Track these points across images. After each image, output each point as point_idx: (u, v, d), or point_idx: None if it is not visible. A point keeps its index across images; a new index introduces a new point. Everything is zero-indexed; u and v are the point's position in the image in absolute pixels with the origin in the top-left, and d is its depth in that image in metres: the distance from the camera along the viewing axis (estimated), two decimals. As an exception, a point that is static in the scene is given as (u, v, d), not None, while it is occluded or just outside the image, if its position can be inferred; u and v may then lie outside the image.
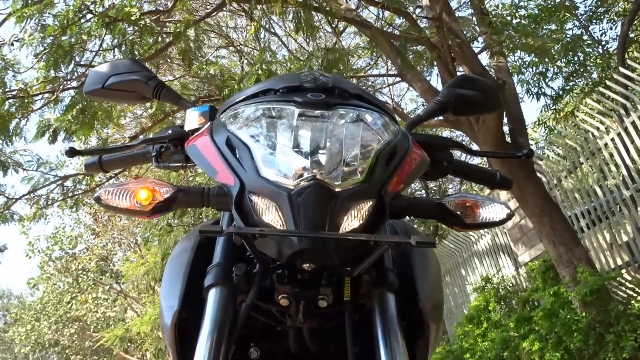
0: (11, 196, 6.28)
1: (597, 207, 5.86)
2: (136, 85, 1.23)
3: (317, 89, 0.89)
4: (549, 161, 6.67)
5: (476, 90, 1.27)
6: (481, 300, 6.32)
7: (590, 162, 5.90)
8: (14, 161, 6.03)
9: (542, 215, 5.09)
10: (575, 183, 6.20)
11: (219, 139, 0.88)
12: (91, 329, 17.30)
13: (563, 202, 6.40)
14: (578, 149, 6.05)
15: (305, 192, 0.78)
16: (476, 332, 6.08)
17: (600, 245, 5.87)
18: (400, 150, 0.90)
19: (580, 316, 4.53)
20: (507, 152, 1.74)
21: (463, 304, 8.45)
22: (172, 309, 0.93)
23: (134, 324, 13.48)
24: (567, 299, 4.75)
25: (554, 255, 5.05)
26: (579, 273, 4.66)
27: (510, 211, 0.94)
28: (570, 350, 4.63)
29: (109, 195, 0.86)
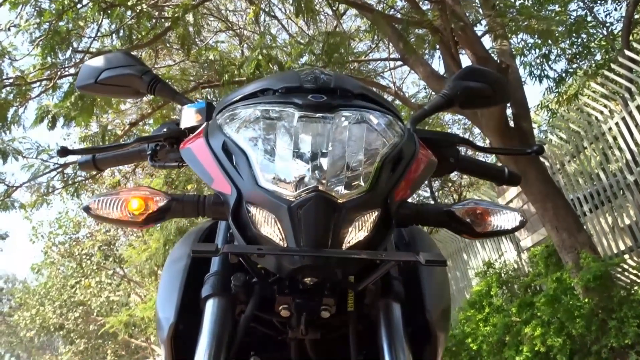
0: (11, 184, 6.25)
1: (600, 191, 5.82)
2: (130, 79, 1.19)
3: (318, 90, 0.83)
4: (552, 145, 6.61)
5: (484, 83, 1.22)
6: (483, 285, 6.32)
7: (594, 146, 5.84)
8: (14, 149, 5.98)
9: (545, 200, 5.05)
10: (578, 167, 6.15)
11: (215, 143, 0.83)
12: (95, 313, 17.42)
13: (566, 186, 6.36)
14: (582, 133, 5.99)
15: (307, 205, 0.74)
16: (478, 316, 6.08)
17: (602, 230, 5.85)
18: (407, 153, 0.85)
19: (582, 302, 4.52)
20: (516, 148, 1.69)
21: (465, 288, 8.46)
22: (168, 321, 0.89)
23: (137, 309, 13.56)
24: (569, 285, 4.74)
25: (557, 241, 5.02)
26: (582, 259, 4.64)
27: (523, 218, 0.89)
28: (572, 336, 4.63)
29: (99, 204, 0.82)
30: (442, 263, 0.74)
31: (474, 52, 5.19)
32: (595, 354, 4.51)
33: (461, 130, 12.04)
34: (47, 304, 17.77)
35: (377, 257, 0.75)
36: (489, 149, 1.23)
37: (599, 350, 4.44)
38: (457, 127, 12.09)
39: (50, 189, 6.39)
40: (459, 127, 12.11)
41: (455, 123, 12.00)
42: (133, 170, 12.06)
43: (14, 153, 5.99)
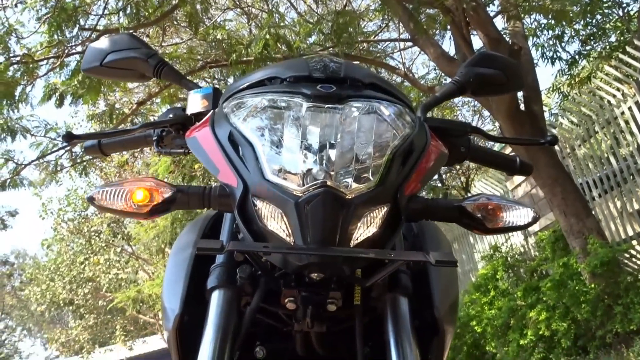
0: (20, 162, 6.29)
1: (609, 176, 5.76)
2: (136, 63, 1.17)
3: (328, 79, 0.81)
4: (562, 129, 6.53)
5: (497, 69, 1.20)
6: (489, 268, 6.32)
7: (605, 130, 5.76)
8: (22, 127, 6.00)
9: (554, 185, 5.01)
10: (588, 151, 6.08)
11: (221, 132, 0.81)
12: (104, 290, 17.67)
13: (575, 170, 6.30)
14: (593, 117, 5.91)
15: (315, 201, 0.72)
16: (483, 300, 6.09)
17: (611, 214, 5.80)
18: (418, 145, 0.83)
19: (589, 287, 4.51)
20: (529, 138, 1.67)
21: (470, 270, 8.47)
22: (173, 312, 0.89)
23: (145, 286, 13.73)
24: (576, 270, 4.73)
25: (565, 226, 5.00)
26: (590, 244, 4.61)
27: (536, 214, 0.87)
28: (577, 321, 4.63)
29: (103, 195, 0.81)
30: (452, 264, 0.73)
31: (486, 34, 5.09)
32: (600, 339, 4.52)
33: (470, 112, 11.94)
34: (57, 280, 18.03)
35: (385, 256, 0.73)
36: (501, 139, 1.20)
37: (604, 335, 4.44)
38: (467, 109, 11.99)
39: (58, 167, 6.42)
40: (468, 109, 12.01)
41: (464, 105, 11.90)
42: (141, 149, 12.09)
43: (22, 131, 6.01)
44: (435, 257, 0.72)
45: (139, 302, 14.77)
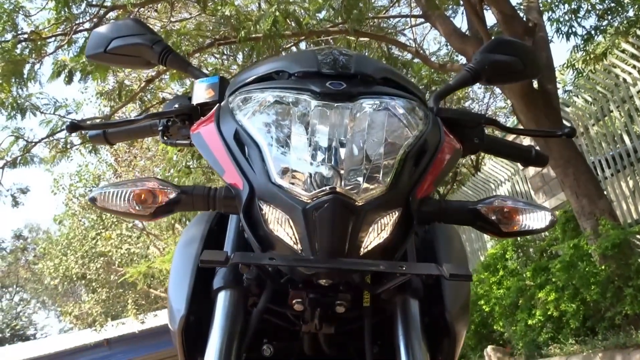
0: (30, 139, 6.31)
1: (622, 154, 5.67)
2: (141, 49, 1.14)
3: (337, 76, 0.77)
4: (575, 107, 6.42)
5: (513, 56, 1.15)
6: (498, 248, 6.30)
7: (620, 109, 5.65)
8: (31, 104, 6.00)
9: (566, 165, 4.94)
10: (601, 129, 5.97)
11: (227, 130, 0.79)
12: (116, 264, 17.93)
13: (588, 150, 6.21)
14: (608, 95, 5.79)
15: (323, 208, 0.70)
16: (492, 279, 6.10)
17: (623, 193, 5.73)
18: (431, 144, 0.80)
19: (599, 269, 4.48)
20: (546, 130, 1.62)
21: (479, 249, 8.47)
22: (179, 312, 0.88)
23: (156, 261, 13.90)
24: (586, 252, 4.70)
25: (576, 207, 4.94)
26: (601, 226, 4.57)
27: (553, 217, 0.84)
28: (587, 302, 4.62)
29: (105, 196, 0.79)
30: (467, 277, 0.70)
31: (500, 9, 4.97)
32: (609, 320, 4.51)
33: (482, 89, 11.75)
34: (69, 254, 18.30)
35: (396, 269, 0.71)
36: (516, 130, 1.16)
37: (613, 316, 4.43)
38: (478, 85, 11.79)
39: (68, 145, 6.44)
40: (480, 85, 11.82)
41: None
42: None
43: (32, 109, 6.01)
44: (449, 269, 0.69)
45: (150, 277, 14.97)
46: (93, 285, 19.00)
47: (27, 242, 29.26)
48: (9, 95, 5.43)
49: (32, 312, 32.08)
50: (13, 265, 29.09)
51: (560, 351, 4.85)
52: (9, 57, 4.82)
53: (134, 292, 18.91)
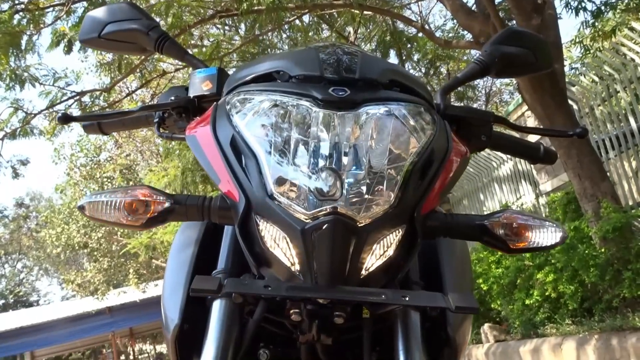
0: (30, 111, 6.25)
1: (626, 134, 5.61)
2: (136, 35, 1.10)
3: (341, 82, 0.73)
4: (582, 87, 6.32)
5: (524, 48, 1.12)
6: (498, 227, 6.30)
7: (627, 90, 5.56)
8: (30, 75, 5.92)
9: (570, 147, 4.89)
10: (606, 109, 5.88)
11: (223, 135, 0.75)
12: (118, 234, 18.04)
13: (593, 131, 6.15)
14: (615, 75, 5.69)
15: (323, 230, 0.66)
16: (490, 258, 6.12)
17: (625, 174, 5.69)
18: (438, 154, 0.76)
19: (598, 252, 4.48)
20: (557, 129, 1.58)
21: (479, 227, 8.47)
22: (172, 321, 0.86)
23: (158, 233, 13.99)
24: (587, 234, 4.69)
25: (578, 189, 4.92)
26: (603, 208, 4.55)
27: (563, 234, 0.81)
28: (585, 284, 4.64)
29: (95, 206, 0.75)
30: (473, 310, 0.68)
31: (508, -15, 4.85)
32: (606, 302, 4.54)
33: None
34: (71, 223, 18.42)
35: (400, 301, 0.68)
36: (526, 129, 1.12)
37: (611, 299, 4.46)
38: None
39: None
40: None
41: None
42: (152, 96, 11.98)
43: (31, 80, 5.94)
44: (455, 300, 0.67)
45: (151, 248, 15.09)
46: (95, 254, 19.18)
47: (29, 210, 29.42)
48: (6, 67, 5.35)
49: (34, 279, 32.51)
50: (15, 232, 29.33)
51: (557, 331, 4.89)
52: (6, 28, 4.73)
53: (135, 261, 19.10)
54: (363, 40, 9.71)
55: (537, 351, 5.02)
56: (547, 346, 4.86)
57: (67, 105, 6.33)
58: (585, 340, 4.38)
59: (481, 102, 12.49)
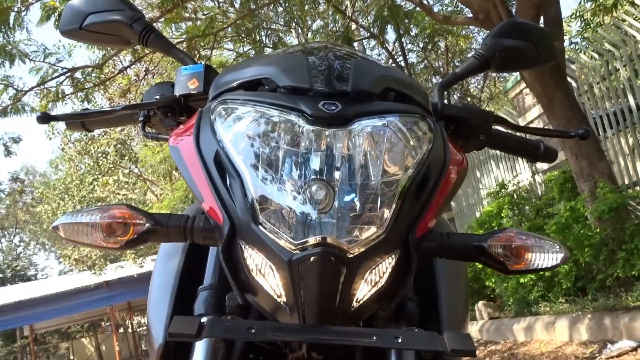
0: (20, 88, 6.14)
1: (624, 111, 5.55)
2: (119, 28, 1.05)
3: (332, 95, 0.68)
4: (580, 64, 6.24)
5: (526, 41, 1.08)
6: (494, 206, 6.30)
7: (627, 68, 5.49)
8: (20, 51, 5.80)
9: (568, 126, 4.85)
10: (604, 85, 5.82)
11: (207, 149, 0.70)
12: (114, 210, 18.04)
13: (591, 109, 6.09)
14: (615, 52, 5.61)
15: (310, 263, 0.62)
16: (486, 237, 6.13)
17: (622, 151, 5.66)
18: (435, 169, 0.71)
19: (593, 232, 4.49)
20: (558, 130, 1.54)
21: (475, 205, 8.49)
22: (157, 341, 0.82)
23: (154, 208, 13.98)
24: (582, 214, 4.69)
25: (575, 168, 4.90)
26: (599, 188, 4.54)
27: (564, 255, 0.78)
28: (579, 264, 4.66)
29: (70, 227, 0.71)
30: (470, 353, 0.64)
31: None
32: (600, 282, 4.57)
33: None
34: (67, 199, 18.38)
35: (392, 344, 0.63)
36: (527, 129, 1.09)
37: (604, 278, 4.49)
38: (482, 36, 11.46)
39: (59, 94, 6.27)
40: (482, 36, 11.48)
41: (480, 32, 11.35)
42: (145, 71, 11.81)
43: (21, 55, 5.81)
44: (451, 342, 0.63)
45: (148, 223, 15.09)
46: (92, 229, 19.15)
47: (24, 185, 29.32)
48: (-5, 43, 5.23)
49: (32, 253, 32.62)
50: (11, 207, 29.29)
51: (550, 310, 4.94)
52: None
53: (132, 237, 19.08)
54: (360, 15, 9.54)
55: (530, 329, 5.08)
56: (540, 324, 4.92)
57: (59, 81, 6.22)
58: (578, 319, 4.42)
59: (479, 77, 12.37)
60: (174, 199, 12.39)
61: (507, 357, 4.93)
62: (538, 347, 4.73)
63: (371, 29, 9.59)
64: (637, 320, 3.78)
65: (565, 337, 4.55)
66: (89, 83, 6.40)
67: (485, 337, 6.06)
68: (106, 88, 10.06)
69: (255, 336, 0.62)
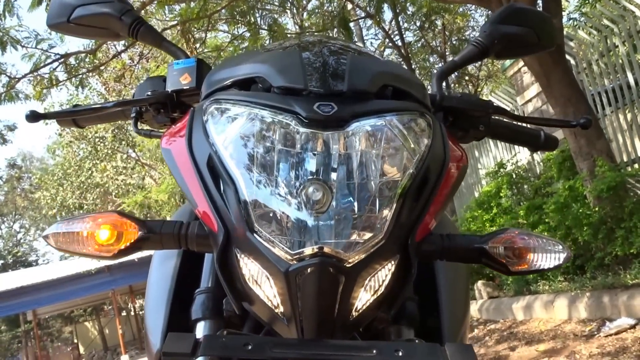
0: (13, 75, 6.06)
1: (623, 87, 5.51)
2: (108, 20, 1.02)
3: (328, 95, 0.65)
4: (578, 40, 6.18)
5: (526, 26, 1.06)
6: (493, 186, 6.30)
7: (626, 45, 5.44)
8: (11, 38, 5.72)
9: (566, 105, 4.82)
10: (603, 62, 5.77)
11: (200, 153, 0.68)
12: (113, 195, 18.03)
13: (590, 86, 6.05)
14: (615, 29, 5.55)
15: (307, 274, 0.61)
16: (485, 217, 6.15)
17: (621, 127, 5.64)
18: (434, 169, 0.69)
19: (592, 210, 4.49)
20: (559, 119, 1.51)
21: (474, 184, 8.49)
22: (155, 346, 0.82)
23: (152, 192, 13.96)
24: (581, 193, 4.69)
25: (574, 147, 4.88)
26: (598, 167, 4.53)
27: (567, 254, 0.76)
28: (578, 242, 4.68)
29: (61, 237, 0.70)
30: None
31: None
32: (598, 260, 4.59)
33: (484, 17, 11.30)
34: (65, 185, 18.36)
35: (392, 358, 0.61)
36: (528, 119, 1.07)
37: (603, 257, 4.50)
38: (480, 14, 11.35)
39: (53, 81, 6.20)
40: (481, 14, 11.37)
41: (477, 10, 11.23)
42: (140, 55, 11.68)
43: (12, 42, 5.74)
44: (453, 356, 0.61)
45: (146, 207, 15.10)
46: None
47: (21, 171, 29.25)
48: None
49: (32, 239, 32.69)
50: (10, 193, 29.28)
51: (549, 288, 4.97)
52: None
53: (131, 221, 19.10)
54: (356, -7, 9.40)
55: (529, 308, 5.12)
56: (539, 303, 4.96)
57: (52, 68, 6.15)
58: (577, 297, 4.45)
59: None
60: (172, 183, 12.37)
61: (507, 335, 4.98)
62: (537, 326, 4.77)
63: (367, 8, 9.46)
64: (635, 297, 3.80)
65: (564, 316, 4.59)
66: (83, 69, 6.33)
67: (485, 316, 6.11)
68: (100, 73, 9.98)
69: (252, 354, 0.61)
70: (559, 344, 4.05)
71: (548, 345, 4.13)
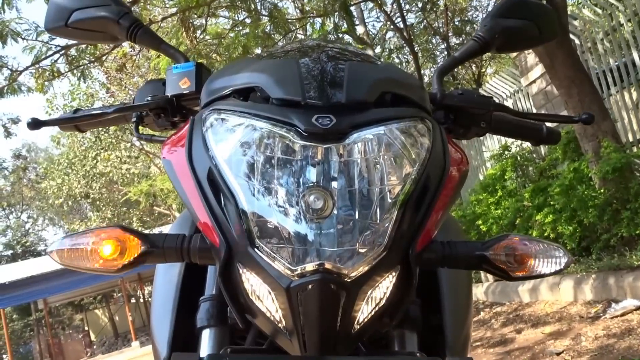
0: (15, 68, 6.06)
1: (628, 65, 5.45)
2: (106, 24, 1.02)
3: (326, 108, 0.65)
4: (583, 20, 6.09)
5: (527, 19, 1.05)
6: (497, 168, 6.28)
7: (631, 22, 5.36)
8: (12, 30, 5.70)
9: (571, 86, 4.78)
10: (608, 40, 5.69)
11: (200, 166, 0.68)
12: (118, 184, 18.12)
13: (595, 64, 5.98)
14: (619, 6, 5.47)
15: (308, 291, 0.61)
16: (490, 200, 6.14)
17: (626, 107, 5.59)
18: (435, 176, 0.69)
19: (597, 192, 4.48)
20: (563, 115, 1.49)
21: (478, 167, 8.46)
22: (161, 354, 0.83)
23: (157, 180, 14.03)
24: (586, 175, 4.67)
25: (579, 129, 4.86)
26: (603, 148, 4.50)
27: (568, 259, 0.76)
28: (584, 224, 4.67)
29: (65, 253, 0.70)
30: None
31: None
32: (604, 242, 4.59)
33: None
34: (71, 174, 18.45)
35: None
36: (530, 115, 1.06)
37: (609, 238, 4.50)
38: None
39: (55, 73, 6.19)
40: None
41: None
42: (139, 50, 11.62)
43: (13, 35, 5.72)
44: None
45: (152, 195, 15.20)
46: (97, 204, 19.31)
47: (27, 161, 29.38)
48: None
49: (40, 229, 32.98)
50: (16, 184, 29.46)
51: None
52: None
53: (138, 210, 19.25)
54: (356, -24, 9.28)
55: (535, 290, 5.14)
56: (545, 285, 4.97)
57: (53, 60, 6.14)
58: (583, 279, 4.47)
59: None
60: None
61: (513, 318, 5.01)
62: (543, 308, 4.79)
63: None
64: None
65: (570, 297, 4.61)
66: (84, 60, 6.31)
67: (491, 298, 6.15)
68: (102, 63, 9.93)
69: None
70: (565, 326, 4.07)
71: (554, 327, 4.16)
